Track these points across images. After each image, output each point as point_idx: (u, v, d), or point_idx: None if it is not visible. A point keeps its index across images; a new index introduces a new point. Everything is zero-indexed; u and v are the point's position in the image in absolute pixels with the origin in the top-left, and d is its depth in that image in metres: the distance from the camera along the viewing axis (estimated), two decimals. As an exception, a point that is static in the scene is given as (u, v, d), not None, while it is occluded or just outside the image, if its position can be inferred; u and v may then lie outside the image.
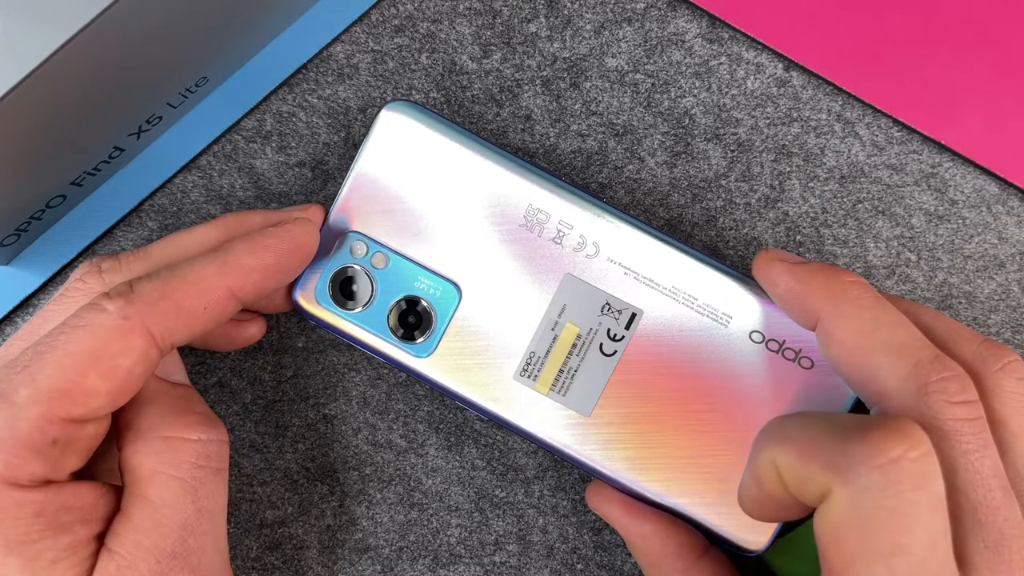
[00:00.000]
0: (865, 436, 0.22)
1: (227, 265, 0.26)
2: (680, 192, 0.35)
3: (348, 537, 0.34)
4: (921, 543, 0.21)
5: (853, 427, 0.23)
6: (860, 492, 0.22)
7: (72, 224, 0.34)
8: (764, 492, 0.25)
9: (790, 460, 0.24)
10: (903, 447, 0.22)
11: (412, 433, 0.34)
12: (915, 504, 0.21)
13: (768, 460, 0.24)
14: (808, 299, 0.27)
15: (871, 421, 0.23)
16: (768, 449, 0.24)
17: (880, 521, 0.21)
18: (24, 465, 0.23)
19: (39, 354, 0.24)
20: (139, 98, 0.31)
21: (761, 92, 0.35)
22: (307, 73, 0.35)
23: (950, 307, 0.34)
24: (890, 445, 0.22)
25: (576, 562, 0.34)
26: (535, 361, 0.30)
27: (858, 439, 0.22)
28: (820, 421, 0.24)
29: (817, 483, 0.23)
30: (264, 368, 0.34)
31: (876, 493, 0.21)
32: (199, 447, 0.26)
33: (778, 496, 0.25)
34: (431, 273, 0.30)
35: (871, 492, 0.21)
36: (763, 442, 0.25)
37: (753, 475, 0.25)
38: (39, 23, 0.24)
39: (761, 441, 0.25)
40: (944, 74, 0.34)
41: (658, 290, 0.30)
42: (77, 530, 0.24)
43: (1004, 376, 0.25)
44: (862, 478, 0.22)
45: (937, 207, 0.34)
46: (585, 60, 0.35)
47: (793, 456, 0.24)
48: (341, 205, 0.30)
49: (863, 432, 0.22)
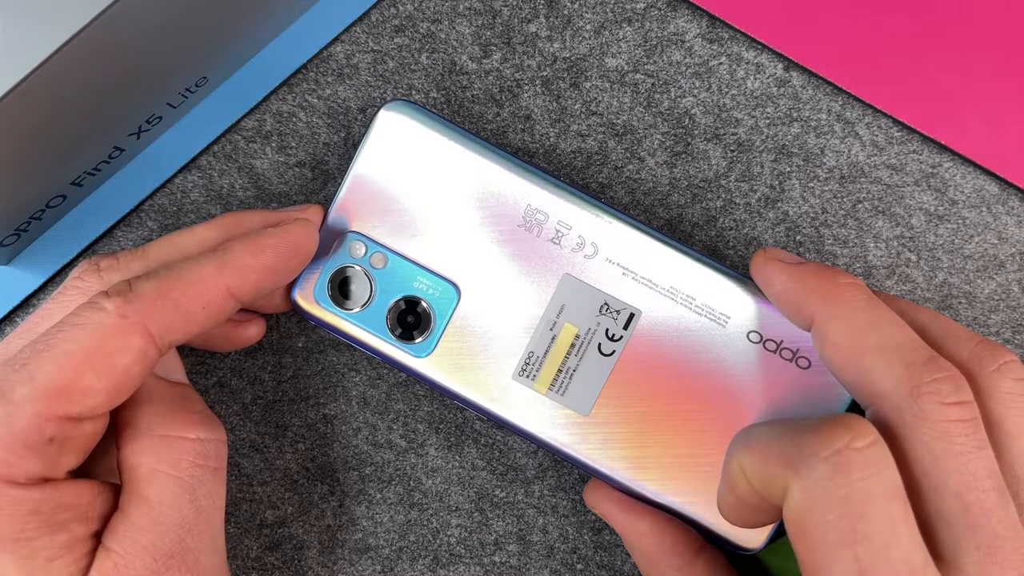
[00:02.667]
0: (815, 432, 0.23)
1: (226, 265, 0.26)
2: (680, 192, 0.35)
3: (348, 537, 0.34)
4: (879, 529, 0.22)
5: (808, 426, 0.24)
6: (813, 483, 0.22)
7: (72, 224, 0.34)
8: (737, 497, 0.26)
9: (753, 462, 0.25)
10: (847, 437, 0.23)
11: (412, 433, 0.34)
12: (867, 491, 0.22)
13: (736, 466, 0.25)
14: (803, 300, 0.27)
15: (823, 419, 0.24)
16: (735, 456, 0.26)
17: (835, 510, 0.22)
18: (21, 463, 0.23)
19: (37, 352, 0.24)
20: (139, 98, 0.31)
21: (761, 92, 0.35)
22: (307, 73, 0.35)
23: (950, 307, 0.34)
24: (836, 436, 0.23)
25: (576, 562, 0.34)
26: (534, 361, 0.30)
27: (809, 435, 0.23)
28: (780, 425, 0.25)
29: (777, 481, 0.24)
30: (264, 368, 0.34)
31: (826, 482, 0.22)
32: (198, 446, 0.26)
33: (750, 500, 0.25)
34: (430, 273, 0.30)
35: (822, 482, 0.22)
36: (732, 449, 0.26)
37: (726, 482, 0.26)
38: (39, 23, 0.24)
39: (731, 449, 0.26)
40: (944, 74, 0.34)
41: (656, 290, 0.30)
42: (74, 528, 0.24)
43: (1000, 377, 0.25)
44: (813, 470, 0.23)
45: (937, 207, 0.34)
46: (585, 60, 0.35)
47: (755, 458, 0.25)
48: (340, 205, 0.30)
49: (815, 429, 0.23)
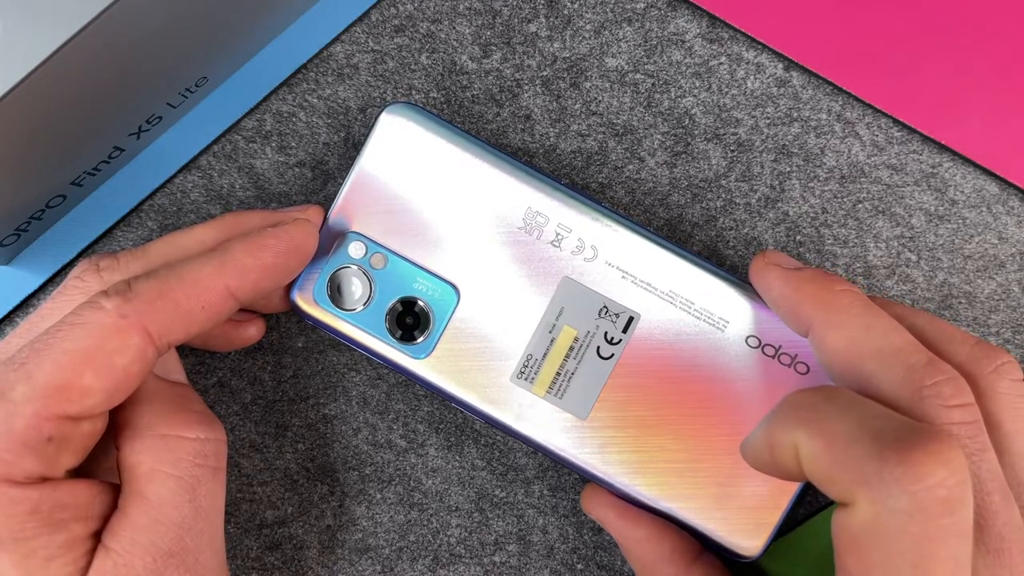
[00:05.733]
0: (902, 455, 0.21)
1: (225, 264, 0.26)
2: (680, 192, 0.35)
3: (348, 537, 0.34)
4: (944, 570, 0.21)
5: (891, 435, 0.21)
6: (888, 513, 0.21)
7: (72, 224, 0.34)
8: (774, 462, 0.24)
9: (816, 453, 0.22)
10: (941, 475, 0.20)
11: (412, 433, 0.34)
12: (943, 531, 0.21)
13: (790, 441, 0.23)
14: (800, 307, 0.27)
15: (910, 434, 0.21)
16: (793, 431, 0.23)
17: (904, 544, 0.21)
18: (19, 462, 0.23)
19: (36, 351, 0.24)
20: (139, 98, 0.31)
21: (761, 92, 0.35)
22: (307, 73, 0.35)
23: (950, 307, 0.34)
24: (927, 472, 0.20)
25: (576, 562, 0.34)
26: (532, 363, 0.30)
27: (894, 455, 0.21)
28: (855, 416, 0.22)
29: (841, 487, 0.22)
30: (264, 368, 0.34)
31: (904, 517, 0.21)
32: (197, 445, 0.26)
33: (789, 470, 0.23)
34: (429, 274, 0.30)
35: (898, 515, 0.21)
36: (789, 418, 0.23)
37: (768, 445, 0.24)
38: (39, 23, 0.24)
39: (787, 415, 0.23)
40: (944, 74, 0.34)
41: (655, 294, 0.30)
42: (73, 528, 0.24)
43: (998, 378, 0.25)
44: (891, 499, 0.21)
45: (937, 207, 0.34)
46: (585, 60, 0.35)
47: (820, 450, 0.22)
48: (341, 205, 0.30)
49: (900, 448, 0.21)
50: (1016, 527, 0.23)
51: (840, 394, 0.23)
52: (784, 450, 0.23)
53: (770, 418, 0.24)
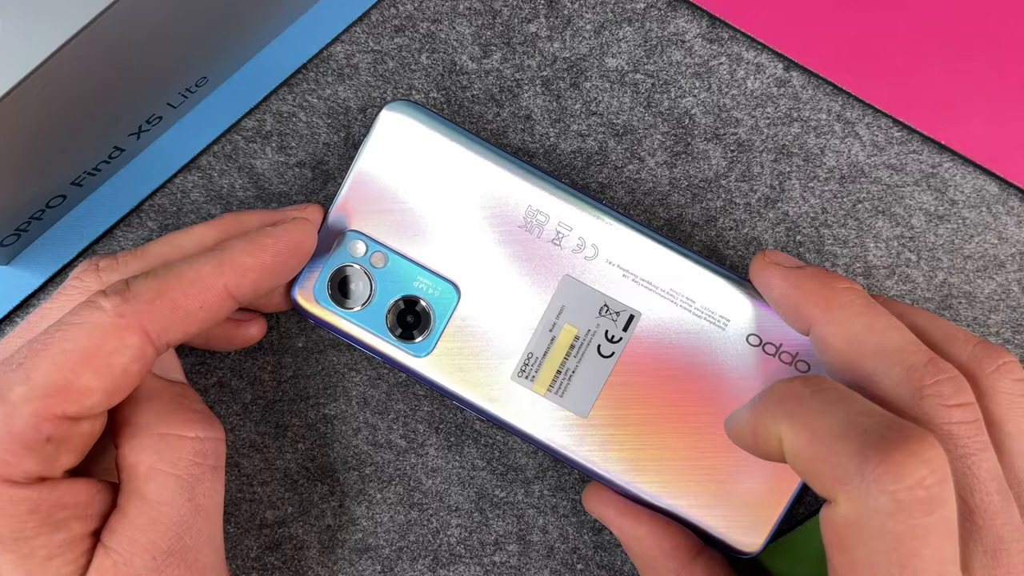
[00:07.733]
0: (884, 454, 0.21)
1: (224, 264, 0.26)
2: (680, 192, 0.35)
3: (348, 537, 0.34)
4: (928, 568, 0.21)
5: (874, 433, 0.21)
6: (869, 511, 0.21)
7: (72, 224, 0.34)
8: (757, 447, 0.24)
9: (800, 447, 0.22)
10: (921, 474, 0.20)
11: (412, 433, 0.34)
12: (924, 529, 0.21)
13: (774, 432, 0.23)
14: (801, 305, 0.27)
15: (893, 432, 0.21)
16: (778, 421, 0.23)
17: (887, 543, 0.21)
18: (18, 462, 0.23)
19: (34, 351, 0.24)
20: (139, 98, 0.31)
21: (761, 92, 0.35)
22: (307, 73, 0.35)
23: (950, 307, 0.34)
24: (907, 471, 0.20)
25: (576, 562, 0.34)
26: (533, 362, 0.30)
27: (875, 454, 0.21)
28: (841, 412, 0.22)
29: (824, 484, 0.22)
30: (264, 368, 0.34)
31: (884, 516, 0.21)
32: (196, 444, 0.26)
33: (771, 456, 0.24)
34: (430, 273, 0.30)
35: (879, 514, 0.21)
36: (775, 409, 0.23)
37: (752, 431, 0.24)
38: (39, 23, 0.24)
39: (773, 404, 0.24)
40: (944, 74, 0.34)
41: (656, 292, 0.30)
42: (72, 527, 0.24)
43: (1000, 377, 0.25)
44: (871, 499, 0.21)
45: (937, 207, 0.34)
46: (585, 60, 0.35)
47: (804, 444, 0.22)
48: (341, 204, 0.30)
49: (882, 447, 0.21)
50: (1015, 528, 0.23)
51: (828, 387, 0.23)
52: (768, 439, 0.23)
53: (756, 403, 0.24)
